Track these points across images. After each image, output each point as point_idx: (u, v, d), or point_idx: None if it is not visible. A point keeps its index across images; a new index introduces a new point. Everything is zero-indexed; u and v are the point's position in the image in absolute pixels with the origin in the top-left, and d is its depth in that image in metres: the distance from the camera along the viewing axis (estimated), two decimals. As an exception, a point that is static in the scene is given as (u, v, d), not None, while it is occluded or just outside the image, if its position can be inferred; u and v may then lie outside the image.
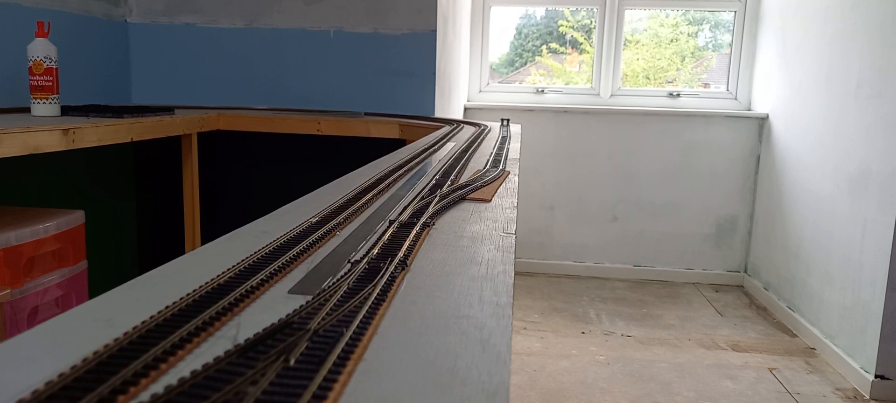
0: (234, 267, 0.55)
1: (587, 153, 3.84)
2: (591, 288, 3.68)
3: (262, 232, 0.71)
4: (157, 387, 0.34)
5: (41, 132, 1.59)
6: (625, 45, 3.96)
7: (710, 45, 4.12)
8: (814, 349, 2.92)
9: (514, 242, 0.72)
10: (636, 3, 3.90)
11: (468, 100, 3.97)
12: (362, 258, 0.59)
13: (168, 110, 2.29)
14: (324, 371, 0.35)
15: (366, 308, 0.46)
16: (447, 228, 0.77)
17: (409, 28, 2.76)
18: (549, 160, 3.86)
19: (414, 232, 0.70)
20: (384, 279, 0.52)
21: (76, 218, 1.79)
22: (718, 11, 3.95)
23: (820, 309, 2.94)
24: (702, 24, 4.07)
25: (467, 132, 2.11)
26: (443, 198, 0.92)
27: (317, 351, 0.37)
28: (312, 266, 0.59)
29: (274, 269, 0.55)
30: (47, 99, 1.92)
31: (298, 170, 2.79)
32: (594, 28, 3.96)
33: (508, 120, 2.43)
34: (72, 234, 1.76)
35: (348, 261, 0.59)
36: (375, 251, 0.61)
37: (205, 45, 2.84)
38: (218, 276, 0.52)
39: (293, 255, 0.60)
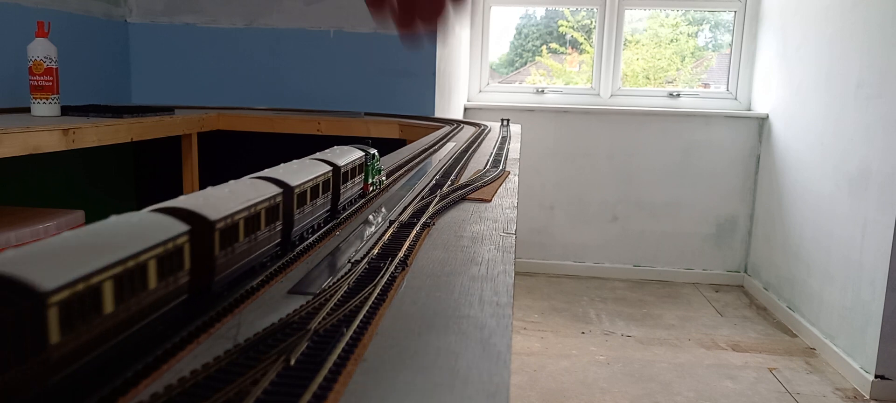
0: (234, 267, 0.55)
1: (587, 153, 3.84)
2: (591, 288, 3.68)
3: (263, 232, 0.71)
4: (157, 387, 0.34)
5: (41, 132, 1.59)
6: (625, 45, 3.96)
7: (710, 45, 4.12)
8: (814, 349, 2.92)
9: (514, 242, 0.72)
10: (636, 3, 3.89)
11: (468, 100, 3.97)
12: (362, 258, 0.59)
13: (168, 110, 2.29)
14: (324, 371, 0.35)
15: (366, 308, 0.46)
16: (447, 228, 0.77)
17: (409, 28, 2.76)
18: (549, 160, 3.86)
19: (414, 232, 0.70)
20: (384, 279, 0.52)
21: (76, 218, 1.79)
22: (718, 11, 3.95)
23: (820, 309, 2.94)
24: (702, 24, 4.07)
25: (467, 132, 2.11)
26: (443, 198, 0.92)
27: (317, 351, 0.37)
28: (312, 266, 0.59)
29: (274, 269, 0.55)
30: (47, 99, 1.92)
31: (298, 170, 2.79)
32: (594, 28, 3.96)
33: (508, 120, 2.43)
34: (72, 234, 1.76)
35: (349, 261, 0.59)
36: (375, 251, 0.61)
37: (205, 45, 2.84)
38: (218, 276, 0.52)
39: (293, 255, 0.60)
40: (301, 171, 0.61)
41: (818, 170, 3.04)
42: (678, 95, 3.92)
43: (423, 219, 0.77)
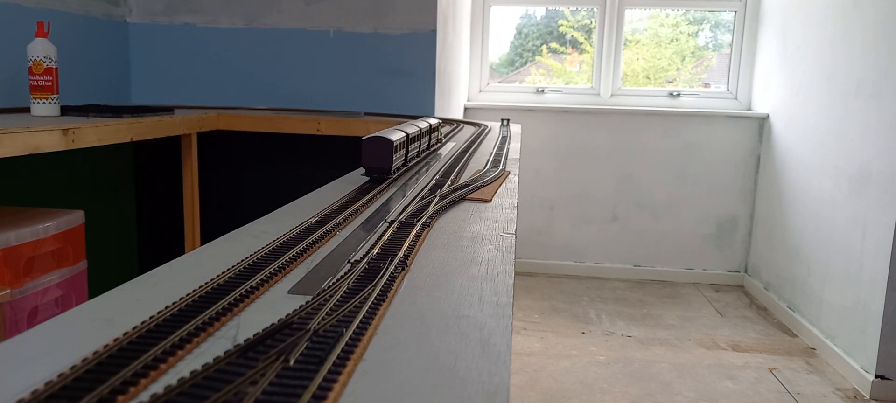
0: (234, 267, 0.55)
1: (587, 153, 3.84)
2: (591, 288, 3.68)
3: (262, 232, 0.71)
4: (157, 387, 0.34)
5: (41, 132, 1.59)
6: (625, 44, 3.96)
7: (710, 45, 4.12)
8: (814, 349, 2.92)
9: (514, 242, 0.72)
10: (636, 2, 3.89)
11: (468, 100, 3.97)
12: (362, 258, 0.59)
13: (168, 110, 2.29)
14: (324, 372, 0.35)
15: (366, 308, 0.46)
16: (447, 228, 0.77)
17: (409, 28, 2.76)
18: (549, 160, 3.86)
19: (414, 232, 0.70)
20: (384, 279, 0.52)
21: (76, 218, 1.79)
22: (718, 11, 3.95)
23: (820, 309, 2.94)
24: (702, 24, 4.07)
25: (467, 132, 2.11)
26: (443, 198, 0.92)
27: (317, 352, 0.37)
28: (312, 266, 0.59)
29: (274, 269, 0.55)
30: (47, 99, 1.92)
31: (298, 170, 2.79)
32: (594, 28, 3.96)
33: (508, 120, 2.43)
34: (72, 234, 1.76)
35: (348, 261, 0.59)
36: (375, 251, 0.61)
37: (205, 45, 2.84)
38: (218, 276, 0.52)
39: (293, 255, 0.60)
40: (409, 128, 1.26)
41: (818, 170, 3.04)
42: (678, 95, 3.92)
43: (422, 219, 0.77)
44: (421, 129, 1.33)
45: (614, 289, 3.68)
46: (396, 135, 1.12)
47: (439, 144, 1.64)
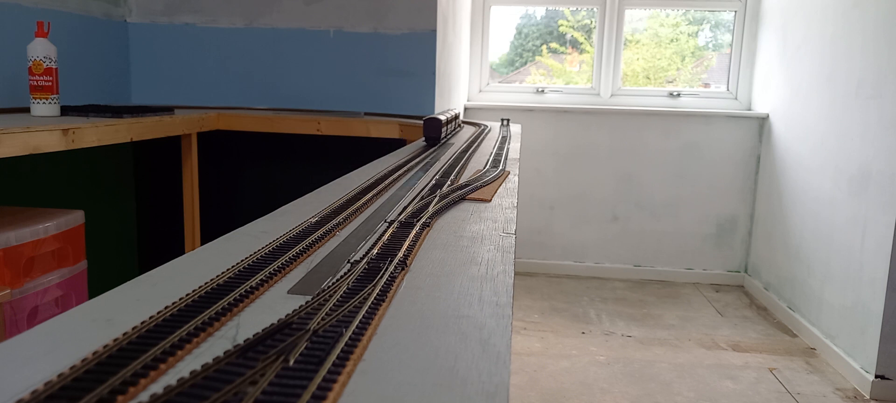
0: (233, 267, 0.55)
1: (587, 153, 3.84)
2: (591, 288, 3.68)
3: (262, 232, 0.71)
4: (157, 387, 0.34)
5: (41, 132, 1.59)
6: (625, 44, 3.96)
7: (710, 45, 4.12)
8: (814, 349, 2.92)
9: (514, 242, 0.72)
10: (636, 2, 3.89)
11: (468, 100, 3.97)
12: (362, 258, 0.59)
13: (168, 110, 2.29)
14: (323, 372, 0.35)
15: (365, 308, 0.46)
16: (447, 228, 0.77)
17: (408, 28, 2.76)
18: (549, 160, 3.86)
19: (414, 232, 0.70)
20: (384, 279, 0.52)
21: (76, 218, 1.79)
22: (718, 11, 3.95)
23: (820, 309, 2.94)
24: (702, 24, 4.07)
25: (467, 132, 2.11)
26: (443, 197, 0.92)
27: (316, 352, 0.37)
28: (312, 266, 0.59)
29: (274, 269, 0.55)
30: (47, 99, 1.92)
31: (298, 170, 2.79)
32: (594, 28, 3.96)
33: (508, 120, 2.43)
34: (71, 234, 1.76)
35: (348, 261, 0.59)
36: (375, 251, 0.61)
37: (204, 45, 2.84)
38: (218, 276, 0.52)
39: (293, 255, 0.60)
40: (446, 115, 1.86)
41: (818, 170, 3.04)
42: (678, 95, 3.92)
43: (422, 219, 0.77)
44: (452, 116, 2.01)
45: (614, 289, 3.68)
46: (443, 117, 1.75)
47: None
